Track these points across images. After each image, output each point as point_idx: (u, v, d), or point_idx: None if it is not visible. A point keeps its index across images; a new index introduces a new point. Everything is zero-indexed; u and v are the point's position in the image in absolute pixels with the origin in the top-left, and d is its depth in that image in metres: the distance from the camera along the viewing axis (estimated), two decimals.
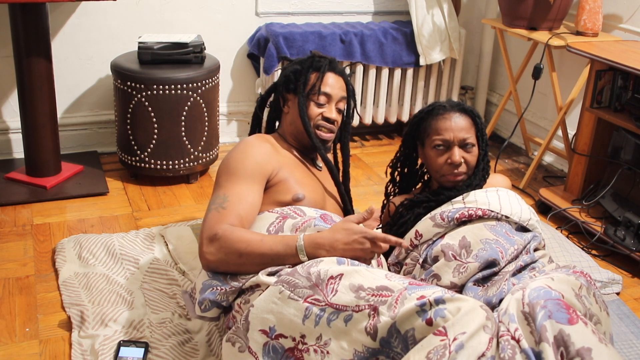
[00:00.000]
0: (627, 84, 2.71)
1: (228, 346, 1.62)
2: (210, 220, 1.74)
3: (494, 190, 1.94)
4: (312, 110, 2.00)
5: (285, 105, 2.05)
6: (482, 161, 1.99)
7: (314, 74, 2.01)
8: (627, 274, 2.51)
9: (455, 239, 1.84)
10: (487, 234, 1.83)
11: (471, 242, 1.81)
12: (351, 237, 1.64)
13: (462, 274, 1.78)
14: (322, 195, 1.98)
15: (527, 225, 1.91)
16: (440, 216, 1.89)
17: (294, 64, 2.05)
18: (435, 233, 1.88)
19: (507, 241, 1.82)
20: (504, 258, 1.79)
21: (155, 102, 2.82)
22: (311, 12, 3.50)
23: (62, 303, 2.13)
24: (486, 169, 2.00)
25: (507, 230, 1.86)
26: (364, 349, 1.45)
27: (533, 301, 1.44)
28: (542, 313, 1.41)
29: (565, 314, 1.41)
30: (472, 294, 1.72)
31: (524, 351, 1.39)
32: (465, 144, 1.94)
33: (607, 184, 2.74)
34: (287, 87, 2.04)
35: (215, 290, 1.70)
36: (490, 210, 1.87)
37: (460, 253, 1.80)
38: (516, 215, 1.90)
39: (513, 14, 3.13)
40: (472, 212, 1.86)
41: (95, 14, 3.11)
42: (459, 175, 1.96)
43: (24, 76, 2.72)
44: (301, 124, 1.99)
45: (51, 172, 2.90)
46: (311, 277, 1.55)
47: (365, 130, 3.80)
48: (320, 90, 1.99)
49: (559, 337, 1.38)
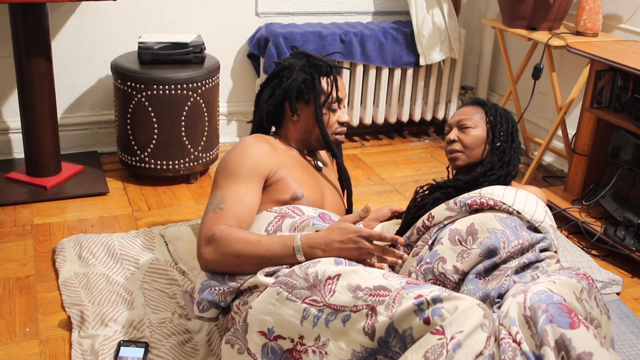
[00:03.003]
0: (627, 84, 2.71)
1: (227, 348, 1.62)
2: (207, 221, 1.74)
3: (513, 189, 1.96)
4: (329, 119, 2.02)
5: (295, 114, 2.02)
6: (497, 153, 2.03)
7: (324, 80, 2.00)
8: (627, 274, 2.51)
9: (464, 224, 1.86)
10: (495, 224, 1.84)
11: (478, 230, 1.83)
12: (346, 236, 1.64)
13: (464, 259, 1.80)
14: (320, 194, 1.98)
15: (539, 226, 1.91)
16: (453, 201, 1.93)
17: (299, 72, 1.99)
18: (446, 216, 1.92)
19: (513, 234, 1.83)
20: (505, 248, 1.79)
21: (155, 102, 2.83)
22: (311, 12, 3.50)
23: (62, 303, 2.13)
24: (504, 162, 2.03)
25: (517, 225, 1.87)
26: (362, 349, 1.45)
27: (535, 305, 1.44)
28: (543, 317, 1.41)
29: (567, 318, 1.40)
30: (472, 286, 1.74)
31: (524, 353, 1.39)
32: (461, 125, 2.07)
33: (607, 184, 2.74)
34: (298, 97, 2.00)
35: (213, 290, 1.70)
36: (502, 202, 1.89)
37: (466, 239, 1.83)
38: (528, 214, 1.90)
39: (513, 14, 3.13)
40: (484, 201, 1.90)
41: (95, 14, 3.11)
42: (452, 152, 2.07)
43: (24, 76, 2.72)
44: (319, 133, 2.00)
45: (51, 172, 2.90)
46: (309, 278, 1.55)
47: (365, 130, 3.80)
48: (338, 98, 2.02)
49: (560, 341, 1.37)
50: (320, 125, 1.98)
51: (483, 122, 2.06)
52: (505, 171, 2.02)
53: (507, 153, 2.03)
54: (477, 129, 2.05)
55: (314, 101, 1.98)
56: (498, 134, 2.04)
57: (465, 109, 2.11)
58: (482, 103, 2.11)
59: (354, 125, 3.59)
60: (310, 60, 2.01)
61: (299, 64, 2.01)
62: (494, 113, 2.07)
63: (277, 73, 2.04)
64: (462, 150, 2.05)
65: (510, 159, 2.04)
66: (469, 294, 1.74)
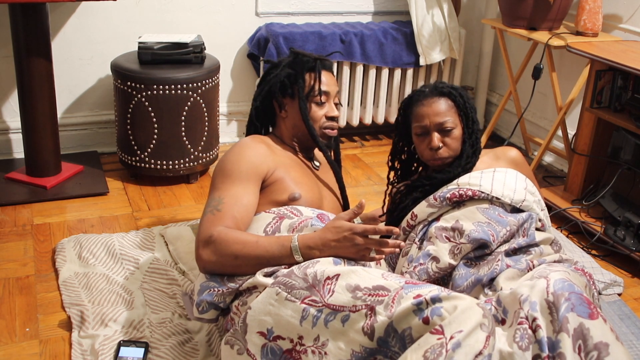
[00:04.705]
0: (627, 84, 2.71)
1: (227, 349, 1.62)
2: (205, 223, 1.74)
3: (490, 171, 1.95)
4: (314, 112, 2.01)
5: (283, 110, 2.05)
6: (469, 140, 1.97)
7: (308, 74, 2.02)
8: (627, 274, 2.50)
9: (449, 222, 1.88)
10: (479, 217, 1.86)
11: (463, 225, 1.85)
12: (341, 235, 1.65)
13: (457, 255, 1.82)
14: (318, 194, 1.98)
15: (520, 206, 1.92)
16: (433, 197, 1.93)
17: (284, 68, 2.03)
18: (429, 213, 1.93)
19: (499, 223, 1.85)
20: (495, 241, 1.82)
21: (155, 102, 2.83)
22: (311, 12, 3.50)
23: (62, 303, 2.13)
24: (475, 147, 1.98)
25: (500, 213, 1.89)
26: (361, 349, 1.45)
27: (558, 292, 1.47)
28: (565, 305, 1.45)
29: (587, 309, 1.45)
30: (463, 271, 1.78)
31: (537, 342, 1.43)
32: (443, 129, 1.94)
33: (607, 184, 2.74)
34: (283, 92, 2.03)
35: (212, 291, 1.70)
36: (480, 191, 1.89)
37: (453, 235, 1.85)
38: (507, 197, 1.90)
39: (513, 14, 3.13)
40: (463, 192, 1.89)
41: (95, 14, 3.11)
42: (440, 160, 1.96)
43: (24, 76, 2.72)
44: (305, 127, 1.99)
45: (51, 172, 2.90)
46: (308, 278, 1.55)
47: (365, 130, 3.80)
48: (320, 91, 2.00)
49: (579, 329, 1.42)
50: (304, 119, 1.98)
51: (457, 116, 1.96)
52: (477, 155, 2.00)
53: (477, 137, 2.00)
54: (457, 128, 1.96)
55: (297, 95, 1.99)
56: (470, 123, 1.97)
57: (438, 106, 1.95)
58: (447, 93, 1.97)
59: (354, 125, 3.59)
60: (298, 57, 2.03)
61: (286, 61, 2.05)
62: (462, 102, 1.96)
63: (268, 72, 2.08)
64: (450, 154, 1.97)
65: (478, 140, 1.99)
66: (460, 278, 1.79)
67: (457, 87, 2.00)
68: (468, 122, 1.97)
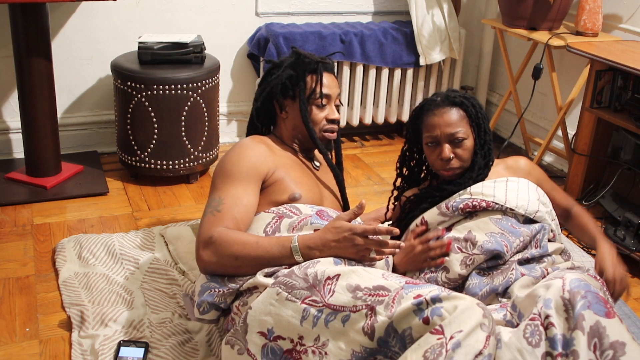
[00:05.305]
0: (627, 84, 2.71)
1: (227, 349, 1.63)
2: (205, 223, 1.74)
3: (503, 181, 1.93)
4: (315, 115, 2.00)
5: (283, 111, 2.04)
6: (481, 151, 1.93)
7: (309, 76, 2.00)
8: (627, 274, 2.50)
9: (462, 232, 1.85)
10: (492, 228, 1.84)
11: (476, 236, 1.82)
12: (341, 235, 1.65)
13: (469, 266, 1.80)
14: (319, 195, 1.98)
15: (534, 217, 1.90)
16: (445, 205, 1.89)
17: (285, 69, 2.02)
18: (440, 221, 1.89)
19: (512, 234, 1.83)
20: (508, 252, 1.80)
21: (155, 102, 2.83)
22: (311, 12, 3.50)
23: (62, 303, 2.13)
24: (488, 158, 1.95)
25: (513, 223, 1.86)
26: (361, 349, 1.45)
27: (574, 290, 1.46)
28: (581, 302, 1.43)
29: (603, 307, 1.44)
30: (476, 281, 1.76)
31: (549, 339, 1.42)
32: (454, 139, 1.90)
33: (607, 184, 2.74)
34: (284, 93, 2.02)
35: (213, 292, 1.70)
36: (494, 202, 1.87)
37: (465, 246, 1.82)
38: (522, 208, 1.88)
39: (513, 14, 3.13)
40: (477, 203, 1.86)
41: (95, 14, 3.11)
42: (452, 170, 1.93)
43: (24, 76, 2.72)
44: (305, 129, 1.99)
45: (51, 172, 2.90)
46: (308, 279, 1.55)
47: (365, 130, 3.80)
48: (321, 94, 2.00)
49: (595, 327, 1.41)
50: (304, 121, 1.98)
51: (468, 126, 1.92)
52: (489, 166, 1.97)
53: (489, 148, 1.96)
54: (468, 139, 1.92)
55: (298, 97, 1.99)
56: (482, 134, 1.94)
57: (449, 116, 1.91)
58: (459, 103, 1.93)
59: (354, 125, 3.59)
60: (300, 57, 2.02)
61: (288, 61, 2.03)
62: (474, 113, 1.93)
63: (269, 72, 2.07)
64: (462, 165, 1.93)
65: (490, 151, 1.96)
66: (474, 287, 1.76)
67: (469, 97, 1.96)
68: (480, 133, 1.93)
